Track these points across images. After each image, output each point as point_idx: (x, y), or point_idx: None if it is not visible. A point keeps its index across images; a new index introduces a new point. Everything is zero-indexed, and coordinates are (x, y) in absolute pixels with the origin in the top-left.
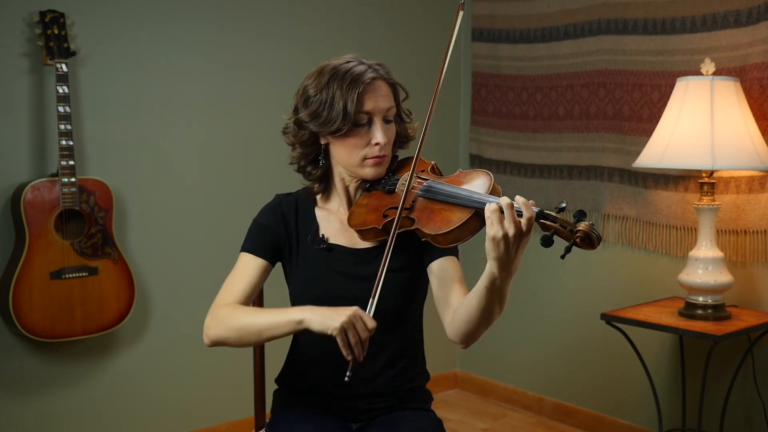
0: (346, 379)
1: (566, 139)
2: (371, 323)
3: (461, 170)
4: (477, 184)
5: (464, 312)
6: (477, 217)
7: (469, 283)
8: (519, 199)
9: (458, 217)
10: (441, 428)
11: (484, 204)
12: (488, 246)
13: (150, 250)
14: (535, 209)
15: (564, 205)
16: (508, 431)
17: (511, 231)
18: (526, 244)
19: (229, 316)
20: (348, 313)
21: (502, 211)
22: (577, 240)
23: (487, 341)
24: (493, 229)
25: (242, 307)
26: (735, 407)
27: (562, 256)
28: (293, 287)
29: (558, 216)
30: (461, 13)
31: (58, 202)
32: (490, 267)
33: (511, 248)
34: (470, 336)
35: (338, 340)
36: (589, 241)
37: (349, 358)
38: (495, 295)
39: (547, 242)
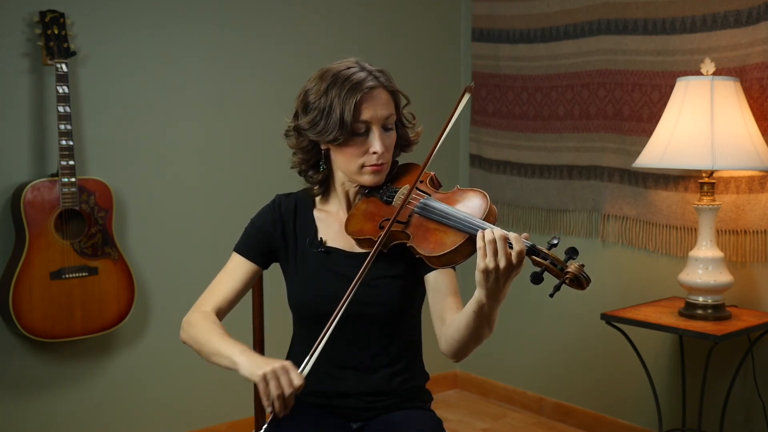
0: (261, 431)
1: (566, 139)
2: (298, 381)
3: (459, 187)
4: (473, 206)
5: (454, 331)
6: (470, 243)
7: (463, 291)
8: (512, 235)
9: (452, 241)
10: (441, 428)
11: (477, 231)
12: (478, 276)
13: (150, 250)
14: (527, 243)
15: (556, 241)
16: (508, 431)
17: (501, 263)
18: (516, 276)
19: (197, 325)
20: (275, 365)
21: (494, 242)
22: (566, 281)
23: (486, 341)
24: (484, 261)
25: (211, 322)
26: (735, 407)
27: (551, 295)
28: (291, 289)
29: (549, 253)
30: (467, 96)
31: (58, 202)
32: (479, 295)
33: (500, 280)
34: (460, 353)
35: (259, 388)
36: (578, 282)
37: (269, 410)
38: (483, 320)
39: (536, 279)
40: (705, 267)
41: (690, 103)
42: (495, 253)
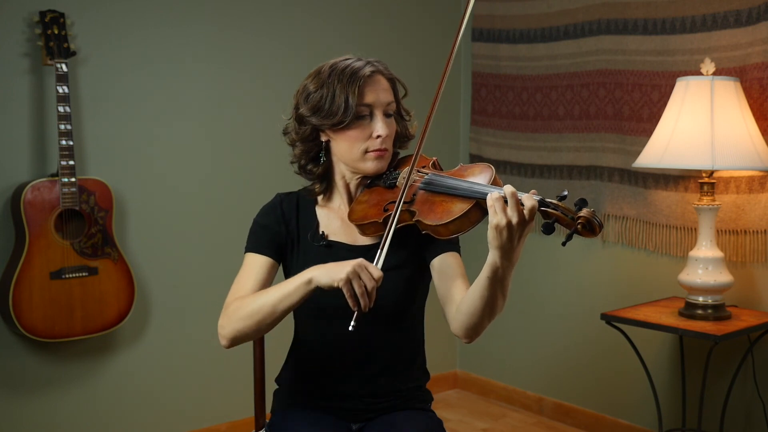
0: (350, 328)
1: (566, 139)
2: (377, 273)
3: (462, 164)
4: (479, 176)
5: (467, 304)
6: (478, 208)
7: (471, 279)
8: (521, 194)
9: (459, 208)
10: (441, 428)
11: (486, 194)
12: (491, 234)
13: (150, 250)
14: (537, 197)
15: (566, 193)
16: (508, 431)
17: (514, 219)
18: (529, 233)
19: (240, 306)
20: (353, 263)
21: (505, 200)
22: (579, 227)
23: (487, 341)
24: (496, 217)
25: (250, 295)
26: (735, 407)
27: (564, 243)
28: None
29: (560, 204)
30: None
31: (58, 202)
32: (493, 256)
33: (513, 236)
34: (474, 329)
35: (344, 290)
36: (591, 227)
37: (355, 308)
38: (497, 285)
39: (548, 230)
40: (705, 267)
41: (690, 103)
42: (506, 210)
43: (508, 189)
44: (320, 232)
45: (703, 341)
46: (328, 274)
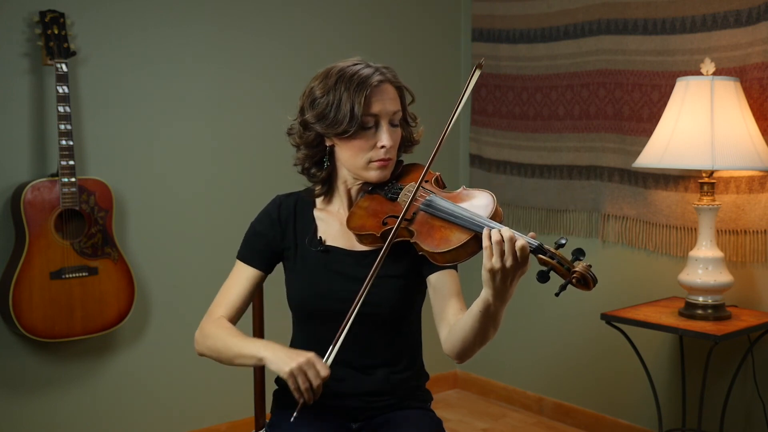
0: (291, 419)
1: (566, 139)
2: (324, 371)
3: (465, 187)
4: (479, 205)
5: (459, 332)
6: (476, 241)
7: (467, 296)
8: (516, 234)
9: (457, 238)
10: (441, 428)
11: (484, 229)
12: (484, 276)
13: (150, 250)
14: (534, 243)
15: (564, 241)
16: (508, 431)
17: (508, 263)
18: (522, 275)
19: (211, 335)
20: (300, 360)
21: (501, 242)
22: (573, 280)
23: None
24: (490, 260)
25: (224, 328)
26: (735, 407)
27: (557, 294)
28: (290, 288)
29: (556, 252)
30: (478, 72)
31: (58, 202)
32: (485, 294)
33: (507, 279)
34: (465, 354)
35: (289, 383)
36: (585, 282)
37: (300, 401)
38: (489, 320)
39: (543, 278)
40: (705, 267)
41: (690, 103)
42: (502, 254)
43: (505, 232)
44: (318, 237)
45: (703, 341)
46: (277, 362)
